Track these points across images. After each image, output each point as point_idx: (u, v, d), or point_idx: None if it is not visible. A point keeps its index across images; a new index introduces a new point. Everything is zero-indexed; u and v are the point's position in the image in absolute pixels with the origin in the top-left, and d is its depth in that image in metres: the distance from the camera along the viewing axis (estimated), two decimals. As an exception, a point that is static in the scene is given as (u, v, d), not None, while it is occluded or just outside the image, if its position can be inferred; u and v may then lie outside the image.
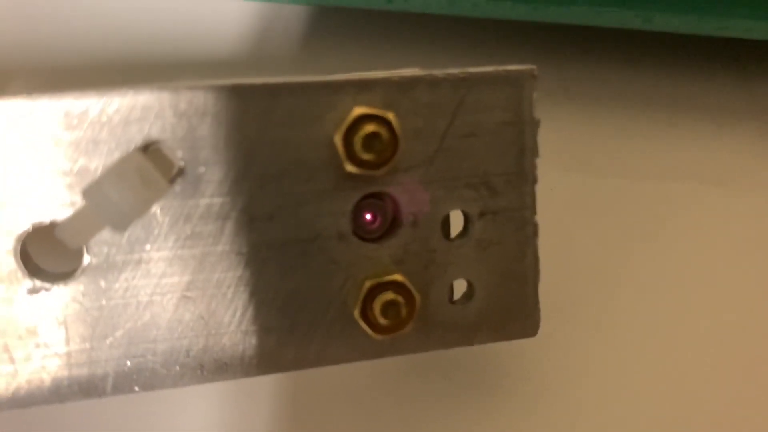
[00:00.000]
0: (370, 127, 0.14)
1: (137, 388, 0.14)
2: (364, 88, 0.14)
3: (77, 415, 0.18)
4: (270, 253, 0.14)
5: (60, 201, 0.13)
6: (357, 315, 0.15)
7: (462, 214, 0.15)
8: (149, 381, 0.14)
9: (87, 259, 0.14)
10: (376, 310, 0.15)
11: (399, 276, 0.15)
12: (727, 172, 0.22)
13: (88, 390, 0.14)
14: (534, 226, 0.16)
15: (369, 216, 0.15)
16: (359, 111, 0.14)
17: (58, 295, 0.14)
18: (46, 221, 0.14)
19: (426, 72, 0.15)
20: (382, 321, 0.15)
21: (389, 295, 0.15)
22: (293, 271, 0.15)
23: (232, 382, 0.15)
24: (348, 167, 0.14)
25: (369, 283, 0.15)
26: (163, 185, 0.13)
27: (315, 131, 0.14)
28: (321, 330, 0.15)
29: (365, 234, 0.15)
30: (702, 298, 0.21)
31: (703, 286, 0.21)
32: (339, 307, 0.15)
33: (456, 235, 0.16)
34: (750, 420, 0.19)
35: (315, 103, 0.14)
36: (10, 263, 0.14)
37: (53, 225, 0.13)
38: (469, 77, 0.15)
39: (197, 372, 0.14)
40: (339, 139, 0.14)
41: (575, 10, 0.20)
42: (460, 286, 0.16)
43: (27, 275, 0.14)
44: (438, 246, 0.15)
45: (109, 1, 0.23)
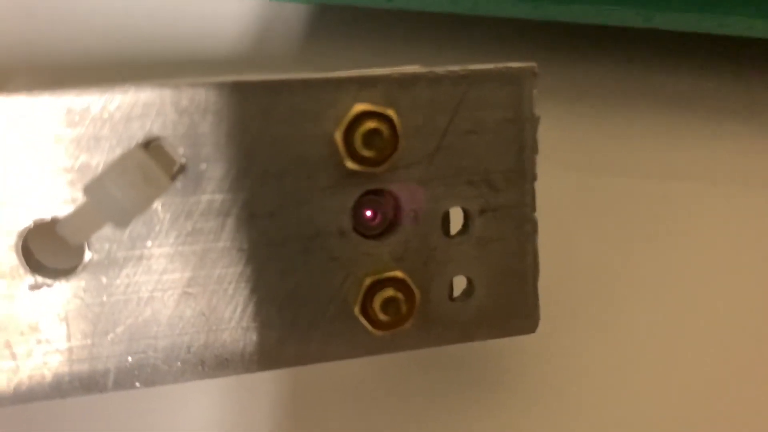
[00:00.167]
0: (370, 124, 0.14)
1: (138, 383, 0.14)
2: (364, 85, 0.14)
3: (78, 411, 0.18)
4: (271, 250, 0.14)
5: (61, 197, 0.14)
6: (357, 311, 0.15)
7: (462, 211, 0.15)
8: (150, 377, 0.14)
9: (88, 256, 0.14)
10: (376, 306, 0.15)
11: (399, 273, 0.15)
12: (727, 170, 0.22)
13: (89, 386, 0.14)
14: (534, 223, 0.16)
15: (369, 213, 0.15)
16: (360, 108, 0.14)
17: (59, 291, 0.14)
18: (47, 218, 0.14)
19: (427, 69, 0.15)
20: (382, 317, 0.15)
21: (389, 292, 0.15)
22: (294, 268, 0.15)
23: (232, 378, 0.15)
24: (348, 164, 0.14)
25: (369, 280, 0.15)
26: (165, 182, 0.13)
27: (316, 128, 0.14)
28: (321, 326, 0.15)
29: (366, 231, 0.15)
30: (702, 296, 0.21)
31: (703, 284, 0.21)
32: (339, 304, 0.15)
33: (456, 232, 0.16)
34: (751, 418, 0.19)
35: (316, 100, 0.14)
36: (11, 259, 0.14)
37: (55, 221, 0.13)
38: (470, 74, 0.15)
39: (198, 368, 0.14)
40: (340, 136, 0.14)
41: (575, 8, 0.21)
42: (460, 283, 0.16)
43: (28, 271, 0.14)
44: (438, 243, 0.15)
45: (110, -1, 0.23)
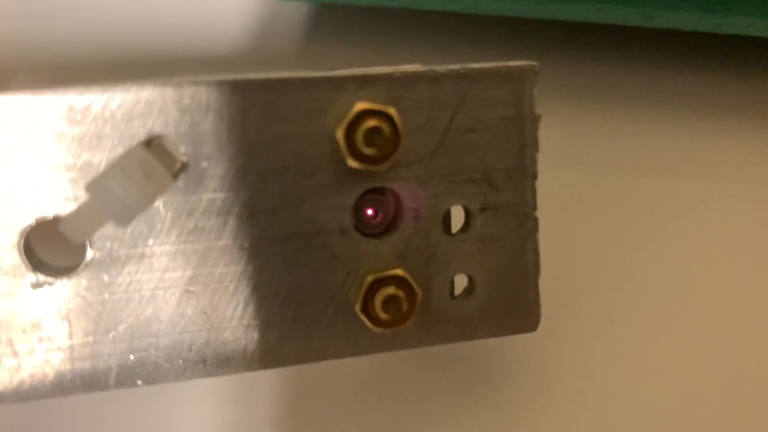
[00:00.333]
0: (371, 122, 0.14)
1: (140, 382, 0.14)
2: (365, 83, 0.14)
3: (80, 409, 0.18)
4: (272, 248, 0.14)
5: (63, 195, 0.14)
6: (358, 309, 0.15)
7: (463, 209, 0.15)
8: (152, 375, 0.14)
9: (90, 254, 0.14)
10: (377, 304, 0.15)
11: (400, 271, 0.15)
12: (728, 168, 0.22)
13: (91, 384, 0.14)
14: (534, 221, 0.16)
15: (370, 211, 0.15)
16: (361, 106, 0.14)
17: (61, 290, 0.14)
18: (49, 216, 0.14)
19: (427, 67, 0.15)
20: (383, 315, 0.15)
21: (390, 290, 0.15)
22: (295, 266, 0.15)
23: (234, 376, 0.15)
24: (350, 162, 0.14)
25: (370, 278, 0.15)
26: (167, 180, 0.13)
27: (317, 126, 0.14)
28: (323, 324, 0.15)
29: (367, 229, 0.15)
30: (704, 294, 0.21)
31: (705, 282, 0.21)
32: (340, 302, 0.15)
33: (457, 231, 0.16)
34: (752, 417, 0.19)
35: (317, 99, 0.14)
36: (13, 257, 0.14)
37: (57, 219, 0.13)
38: (471, 73, 0.15)
39: (200, 366, 0.15)
40: (341, 135, 0.14)
41: (576, 6, 0.21)
42: (461, 281, 0.16)
43: (30, 269, 0.14)
44: (439, 241, 0.15)
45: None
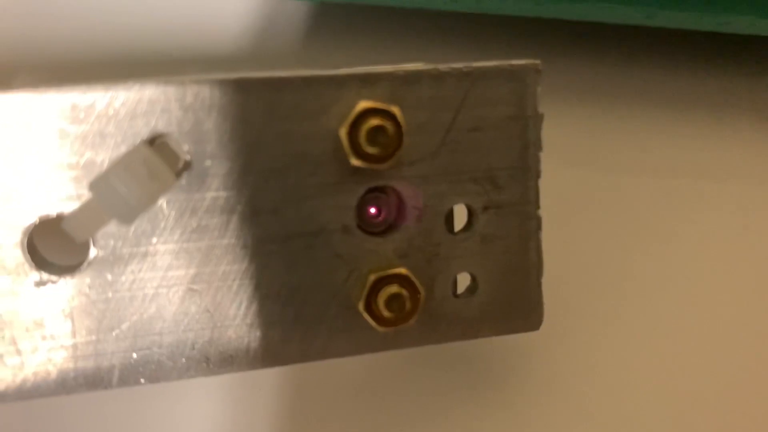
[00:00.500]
0: (374, 121, 0.14)
1: (143, 380, 0.14)
2: (368, 82, 0.14)
3: (82, 408, 0.18)
4: (275, 247, 0.14)
5: (66, 194, 0.14)
6: (361, 308, 0.15)
7: (466, 208, 0.15)
8: (155, 373, 0.14)
9: (93, 252, 0.14)
10: (380, 303, 0.15)
11: (403, 269, 0.15)
12: (729, 167, 0.22)
13: (94, 382, 0.14)
14: (537, 220, 0.16)
15: (373, 210, 0.15)
16: (364, 105, 0.14)
17: (64, 288, 0.14)
18: (52, 214, 0.14)
19: (430, 66, 0.15)
20: (386, 314, 0.15)
21: (393, 289, 0.15)
22: (298, 265, 0.15)
23: (236, 374, 0.15)
24: (353, 161, 0.14)
25: (373, 277, 0.15)
26: (170, 178, 0.13)
27: (320, 125, 0.14)
28: (325, 323, 0.15)
29: (369, 228, 0.15)
30: (707, 293, 0.21)
31: (708, 281, 0.21)
32: (343, 301, 0.15)
33: (460, 229, 0.16)
34: (755, 417, 0.19)
35: (320, 97, 0.14)
36: (17, 256, 0.14)
37: (60, 218, 0.13)
38: (474, 71, 0.15)
39: (203, 364, 0.15)
40: (344, 133, 0.14)
41: (578, 5, 0.21)
42: (463, 279, 0.16)
43: (34, 268, 0.14)
44: (442, 240, 0.15)
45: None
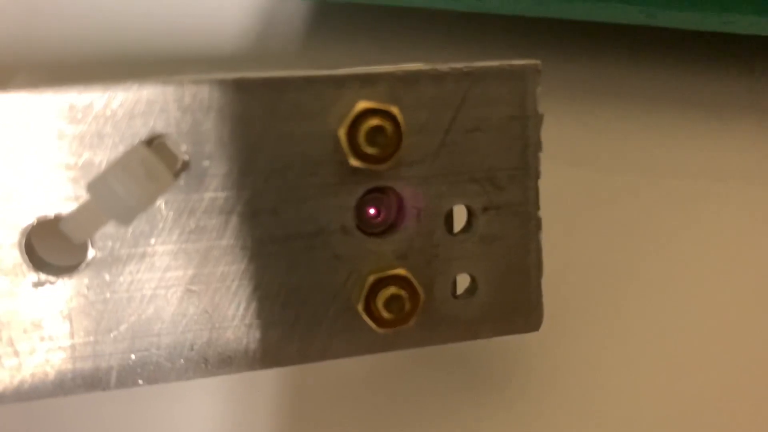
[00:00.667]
0: (374, 121, 0.14)
1: (141, 381, 0.14)
2: (368, 82, 0.14)
3: (81, 409, 0.18)
4: (274, 247, 0.14)
5: (64, 195, 0.14)
6: (360, 309, 0.15)
7: (465, 208, 0.15)
8: (153, 374, 0.14)
9: (91, 253, 0.14)
10: (379, 304, 0.15)
11: (402, 270, 0.15)
12: (731, 167, 0.22)
13: (92, 383, 0.14)
14: (537, 220, 0.16)
15: (373, 210, 0.15)
16: (363, 105, 0.14)
17: (62, 289, 0.14)
18: (50, 215, 0.14)
19: (430, 66, 0.15)
20: (385, 315, 0.15)
21: (393, 290, 0.15)
22: (297, 265, 0.15)
23: (235, 375, 0.15)
24: (352, 161, 0.14)
25: (372, 278, 0.15)
26: (168, 179, 0.13)
27: (319, 125, 0.14)
28: (325, 324, 0.15)
29: (369, 228, 0.15)
30: (707, 294, 0.21)
31: (708, 282, 0.21)
32: (343, 302, 0.15)
33: (459, 230, 0.16)
34: (756, 415, 0.19)
35: (319, 97, 0.14)
36: (15, 257, 0.14)
37: (58, 219, 0.13)
38: (473, 71, 0.15)
39: (201, 365, 0.14)
40: (343, 133, 0.14)
41: (579, 5, 0.20)
42: (463, 280, 0.16)
43: (32, 268, 0.14)
44: (441, 241, 0.15)
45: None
